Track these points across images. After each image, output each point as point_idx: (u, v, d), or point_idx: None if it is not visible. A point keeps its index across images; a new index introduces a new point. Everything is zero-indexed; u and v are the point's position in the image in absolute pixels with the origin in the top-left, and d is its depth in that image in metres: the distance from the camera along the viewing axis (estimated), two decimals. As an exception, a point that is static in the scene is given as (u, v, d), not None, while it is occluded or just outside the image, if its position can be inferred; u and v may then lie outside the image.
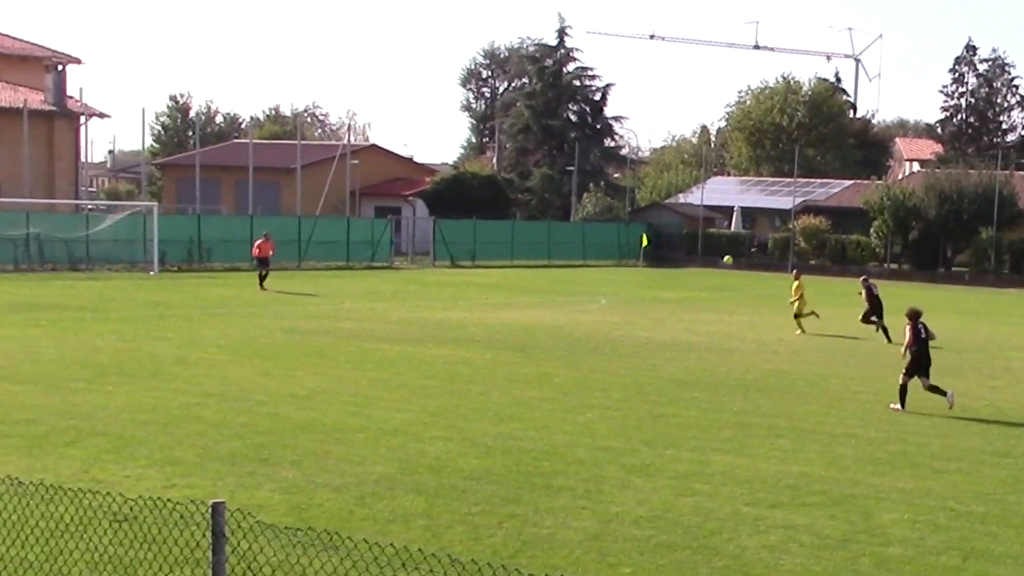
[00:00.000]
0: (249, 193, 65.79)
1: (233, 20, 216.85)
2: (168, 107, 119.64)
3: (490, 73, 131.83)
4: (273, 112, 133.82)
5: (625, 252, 74.80)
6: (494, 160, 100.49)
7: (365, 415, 19.38)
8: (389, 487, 14.63)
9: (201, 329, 31.45)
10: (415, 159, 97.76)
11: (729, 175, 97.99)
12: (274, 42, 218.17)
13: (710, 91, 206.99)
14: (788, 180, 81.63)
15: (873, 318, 34.66)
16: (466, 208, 72.79)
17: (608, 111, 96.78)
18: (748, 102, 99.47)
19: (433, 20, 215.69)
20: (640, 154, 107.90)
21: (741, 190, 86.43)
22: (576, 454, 16.88)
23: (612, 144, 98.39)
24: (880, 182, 76.23)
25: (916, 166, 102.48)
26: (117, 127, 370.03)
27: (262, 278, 45.55)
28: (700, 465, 16.51)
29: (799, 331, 35.03)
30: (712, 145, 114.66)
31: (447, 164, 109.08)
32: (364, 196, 78.54)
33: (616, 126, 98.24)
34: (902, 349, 22.39)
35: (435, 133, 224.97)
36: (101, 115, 68.43)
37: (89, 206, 63.51)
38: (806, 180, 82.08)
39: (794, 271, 38.89)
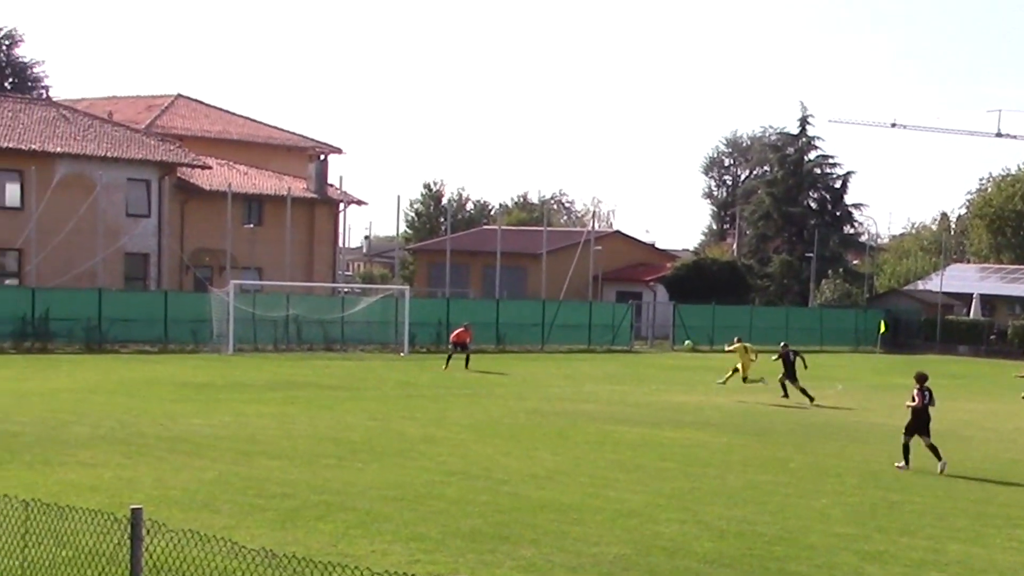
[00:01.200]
0: (496, 278, 67.24)
1: (486, 111, 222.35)
2: (422, 194, 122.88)
3: (732, 161, 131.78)
4: (521, 199, 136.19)
5: (862, 338, 74.00)
6: (734, 246, 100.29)
7: (602, 496, 19.70)
8: (624, 568, 14.83)
9: (447, 409, 32.37)
10: (656, 245, 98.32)
11: (969, 262, 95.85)
12: (524, 131, 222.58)
13: (950, 178, 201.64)
14: (1029, 268, 79.84)
15: (785, 380, 38.89)
16: (706, 293, 72.91)
17: (848, 198, 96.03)
18: (989, 189, 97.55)
19: (677, 110, 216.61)
20: (879, 241, 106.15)
21: (981, 277, 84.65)
22: (810, 539, 16.92)
23: (851, 231, 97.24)
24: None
25: None
26: (373, 213, 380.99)
27: (467, 359, 46.88)
28: (935, 554, 16.39)
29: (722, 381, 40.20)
30: (952, 232, 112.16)
31: (688, 250, 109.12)
32: (606, 281, 79.31)
33: (856, 213, 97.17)
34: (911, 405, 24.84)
35: (677, 219, 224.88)
36: (359, 202, 71.20)
37: (345, 289, 65.86)
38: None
39: (736, 337, 42.56)
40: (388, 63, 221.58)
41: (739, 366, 40.39)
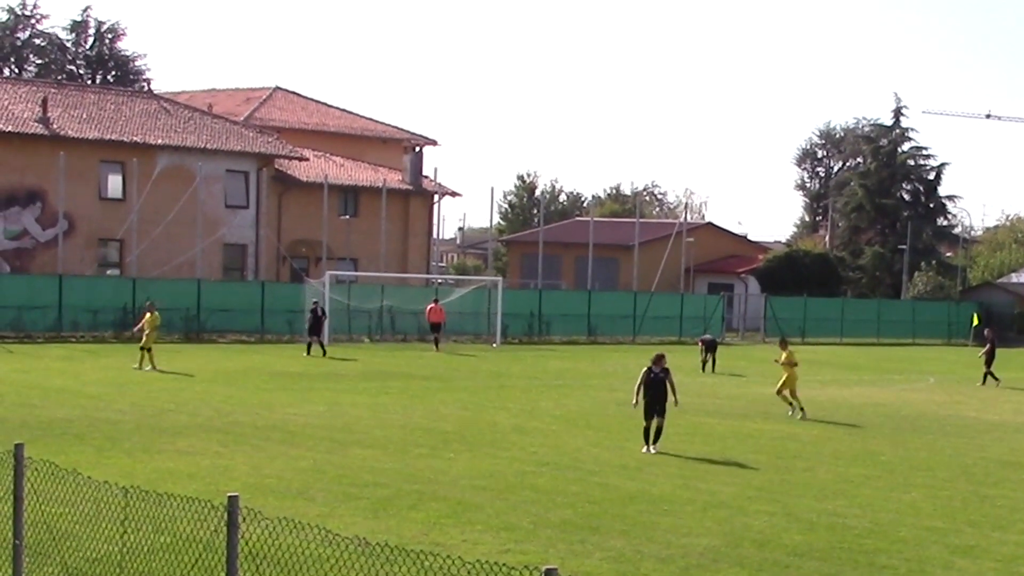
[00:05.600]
0: (588, 269, 67.26)
1: (579, 103, 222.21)
2: (515, 186, 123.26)
3: (825, 153, 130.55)
4: (614, 191, 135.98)
5: (955, 331, 73.50)
6: (827, 238, 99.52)
7: (692, 487, 19.78)
8: (714, 559, 14.91)
9: (538, 400, 32.53)
10: (748, 237, 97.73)
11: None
12: (617, 123, 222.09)
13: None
14: (1124, 260, 78.52)
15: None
16: (797, 285, 72.62)
17: (942, 190, 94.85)
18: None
19: (771, 101, 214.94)
20: (973, 233, 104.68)
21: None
22: (900, 533, 16.88)
23: (945, 223, 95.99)
24: None
25: None
26: (467, 205, 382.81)
27: (437, 341, 48.40)
28: (1028, 549, 16.30)
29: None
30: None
31: (780, 242, 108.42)
32: (698, 272, 79.02)
33: (949, 205, 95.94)
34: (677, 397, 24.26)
35: (769, 211, 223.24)
36: (453, 194, 71.50)
37: (439, 280, 66.24)
38: None
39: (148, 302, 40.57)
40: (483, 55, 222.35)
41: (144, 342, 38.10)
